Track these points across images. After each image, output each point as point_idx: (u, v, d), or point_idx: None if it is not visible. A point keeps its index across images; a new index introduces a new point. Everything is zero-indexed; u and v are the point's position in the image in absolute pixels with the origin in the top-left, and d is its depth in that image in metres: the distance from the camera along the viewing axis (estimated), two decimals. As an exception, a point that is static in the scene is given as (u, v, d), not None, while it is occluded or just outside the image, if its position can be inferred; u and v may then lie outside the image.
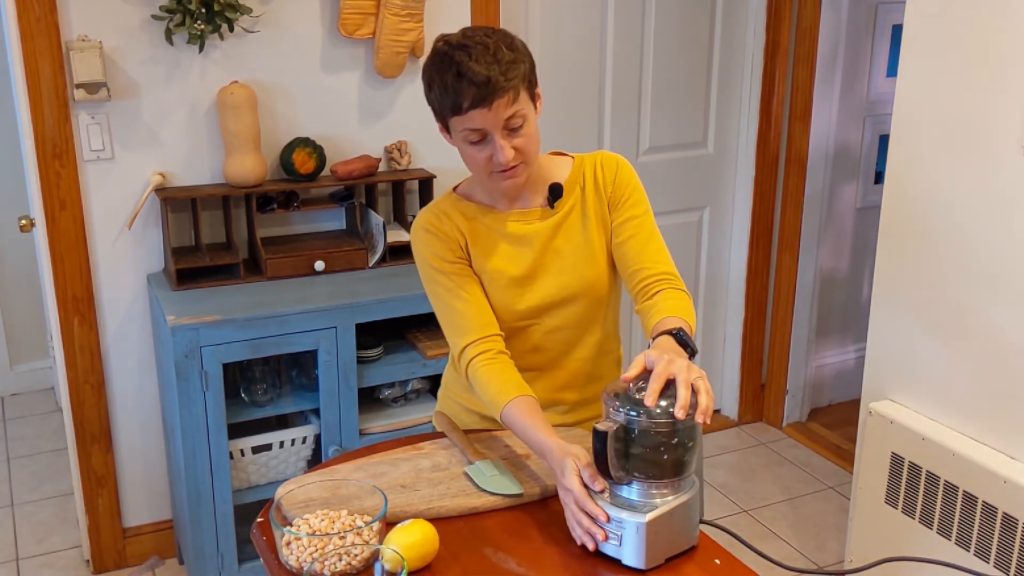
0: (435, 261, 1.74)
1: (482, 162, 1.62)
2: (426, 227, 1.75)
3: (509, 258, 1.75)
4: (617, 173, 1.76)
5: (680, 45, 3.43)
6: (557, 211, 1.76)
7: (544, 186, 1.76)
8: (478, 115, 1.55)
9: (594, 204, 1.76)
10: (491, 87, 1.53)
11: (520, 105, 1.58)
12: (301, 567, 1.37)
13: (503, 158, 1.59)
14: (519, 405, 1.60)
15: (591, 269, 1.76)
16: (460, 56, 1.54)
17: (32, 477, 3.47)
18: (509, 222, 1.75)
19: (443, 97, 1.57)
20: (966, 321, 2.31)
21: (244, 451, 2.59)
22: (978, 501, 2.25)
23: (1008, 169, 2.17)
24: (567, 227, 1.76)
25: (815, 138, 3.56)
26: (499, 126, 1.57)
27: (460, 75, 1.53)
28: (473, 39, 1.56)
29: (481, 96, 1.53)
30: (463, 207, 1.76)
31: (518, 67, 1.57)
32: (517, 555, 1.46)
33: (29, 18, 2.46)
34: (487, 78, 1.52)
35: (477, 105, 1.54)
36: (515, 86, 1.56)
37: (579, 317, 1.78)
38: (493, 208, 1.76)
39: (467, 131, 1.59)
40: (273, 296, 2.59)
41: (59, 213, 2.61)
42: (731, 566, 1.44)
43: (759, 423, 3.94)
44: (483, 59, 1.53)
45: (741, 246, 3.74)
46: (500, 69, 1.53)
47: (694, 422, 1.41)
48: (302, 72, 2.79)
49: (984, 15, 2.18)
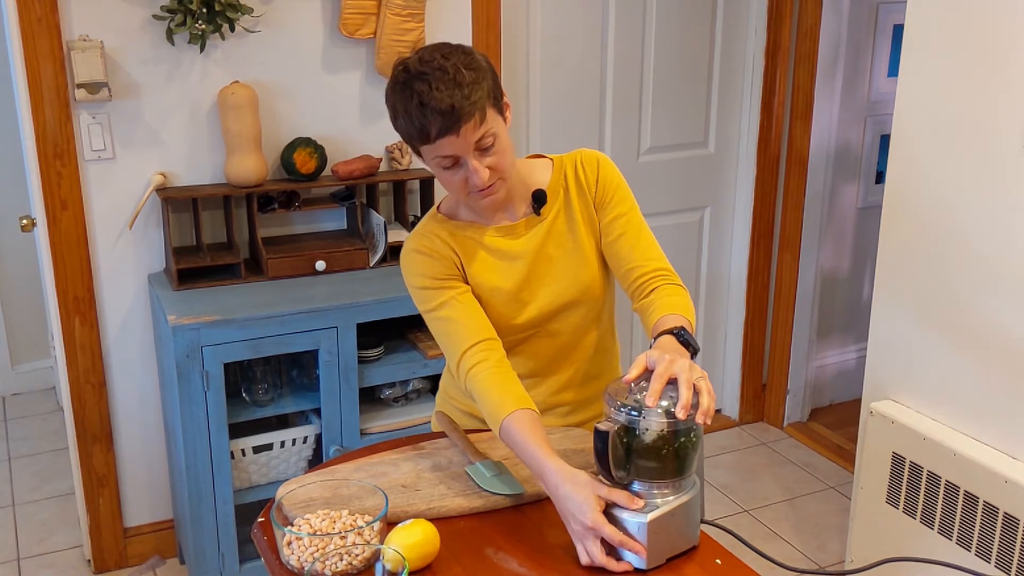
0: (425, 281, 1.70)
1: (458, 185, 1.60)
2: (418, 249, 1.72)
3: (503, 273, 1.73)
4: (599, 172, 1.74)
5: (681, 45, 3.42)
6: (543, 218, 1.73)
7: (527, 193, 1.73)
8: (447, 143, 1.52)
9: (579, 205, 1.74)
10: (456, 114, 1.49)
11: (488, 124, 1.55)
12: (302, 567, 1.37)
13: (478, 180, 1.57)
14: (518, 420, 1.54)
15: (585, 272, 1.74)
16: (420, 86, 1.50)
17: (33, 477, 3.47)
18: (498, 237, 1.72)
19: (409, 127, 1.54)
20: (967, 321, 2.31)
21: (245, 451, 2.59)
22: (979, 501, 2.25)
23: (1009, 169, 2.17)
24: (556, 233, 1.74)
25: (816, 138, 3.56)
26: (469, 150, 1.55)
27: (423, 104, 1.50)
28: (431, 64, 1.51)
29: (448, 125, 1.50)
30: (450, 227, 1.73)
31: (480, 87, 1.52)
32: (518, 555, 1.46)
33: (30, 18, 2.47)
34: (451, 106, 1.49)
35: (445, 133, 1.51)
36: (480, 107, 1.52)
37: (578, 321, 1.77)
38: (479, 223, 1.73)
39: (439, 158, 1.56)
40: (274, 296, 2.59)
41: (60, 213, 2.61)
42: (732, 566, 1.44)
43: (760, 423, 3.94)
44: (443, 86, 1.49)
45: (742, 246, 3.74)
46: (463, 94, 1.49)
47: (695, 422, 1.41)
48: (303, 72, 2.79)
49: (985, 15, 2.18)
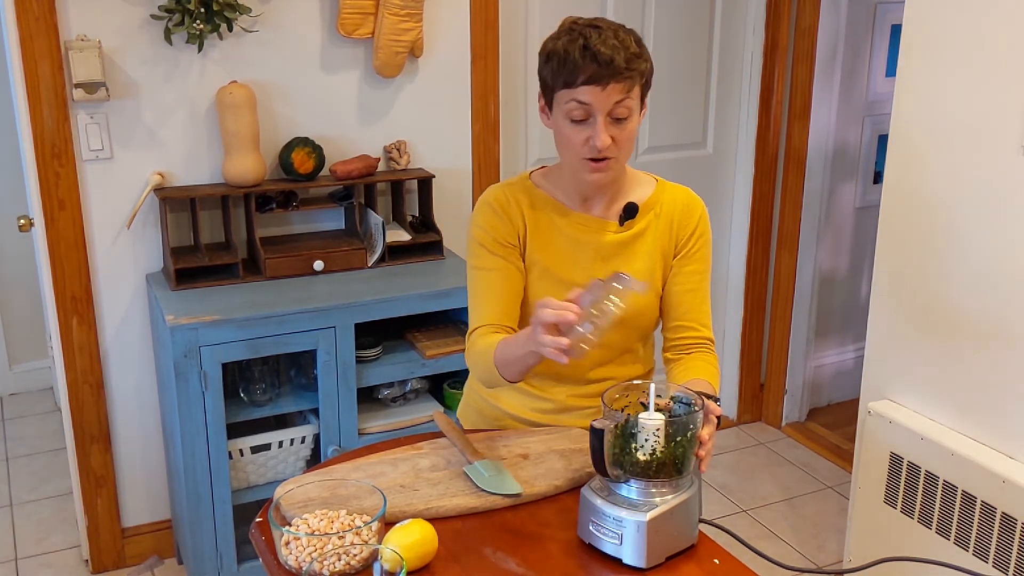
0: (487, 239, 1.72)
1: (578, 144, 1.62)
2: (492, 204, 1.74)
3: (565, 258, 1.73)
4: (700, 220, 1.77)
5: (679, 44, 3.43)
6: (626, 230, 1.74)
7: (621, 201, 1.75)
8: (589, 91, 1.56)
9: (662, 235, 1.75)
10: (611, 68, 1.55)
11: (631, 98, 1.59)
12: (300, 567, 1.37)
13: (600, 142, 1.59)
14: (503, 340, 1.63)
15: (643, 297, 1.73)
16: (590, 33, 1.57)
17: (31, 477, 3.47)
18: (576, 223, 1.74)
19: (560, 69, 1.58)
20: (965, 320, 2.31)
21: (243, 451, 2.59)
22: (977, 501, 2.25)
23: (1007, 169, 2.17)
24: (632, 249, 1.74)
25: (814, 138, 3.57)
26: (606, 109, 1.58)
27: (586, 48, 1.55)
28: (607, 24, 1.60)
29: (599, 74, 1.55)
30: (534, 194, 1.75)
31: (641, 63, 1.59)
32: (516, 555, 1.46)
33: (28, 18, 2.46)
34: (610, 58, 1.54)
35: (592, 82, 1.56)
36: (633, 77, 1.57)
37: (618, 340, 1.76)
38: (563, 204, 1.74)
39: (574, 104, 1.58)
40: (272, 296, 2.58)
41: (58, 213, 2.61)
42: (730, 566, 1.44)
43: (758, 423, 3.94)
44: (611, 42, 1.56)
45: (740, 245, 3.74)
46: (625, 56, 1.56)
47: (693, 420, 1.41)
48: (301, 72, 2.79)
49: (983, 15, 2.18)
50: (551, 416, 1.83)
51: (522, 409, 1.84)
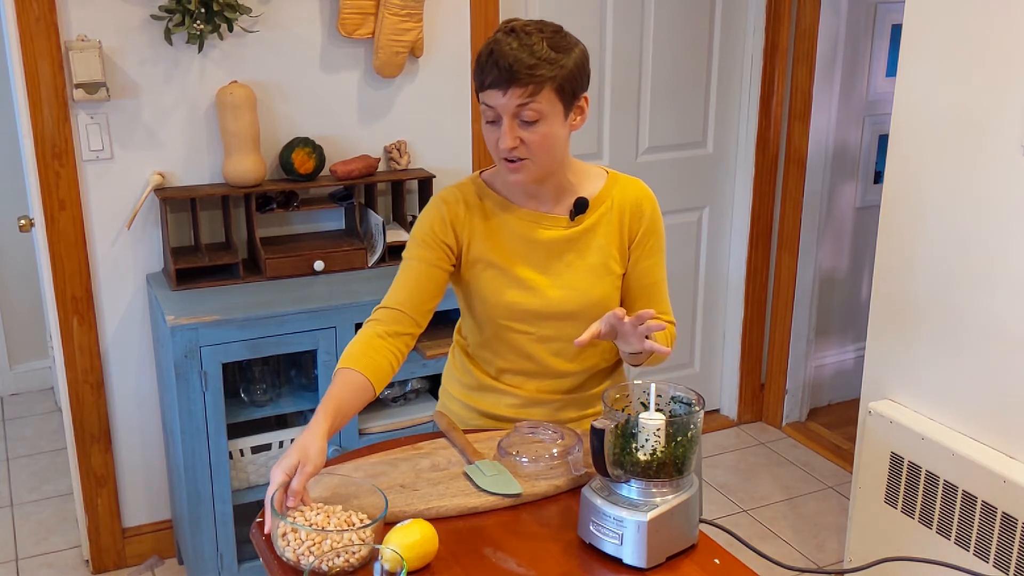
0: (420, 233, 1.77)
1: (492, 143, 1.67)
2: (439, 202, 1.78)
3: (512, 254, 1.76)
4: (653, 213, 1.80)
5: (680, 45, 3.43)
6: (577, 224, 1.76)
7: (570, 196, 1.77)
8: (492, 95, 1.61)
9: (615, 228, 1.77)
10: (510, 73, 1.58)
11: (539, 103, 1.61)
12: (298, 560, 1.37)
13: (503, 143, 1.63)
14: (341, 375, 1.64)
15: (597, 289, 1.77)
16: (502, 39, 1.61)
17: (32, 477, 3.47)
18: (524, 219, 1.76)
19: (475, 72, 1.65)
20: (965, 321, 2.31)
21: (243, 451, 2.59)
22: (977, 501, 2.25)
23: (1007, 169, 2.17)
24: (584, 243, 1.77)
25: (814, 138, 3.57)
26: (509, 112, 1.61)
27: (492, 53, 1.60)
28: (527, 28, 1.62)
29: (499, 79, 1.59)
30: (484, 192, 1.78)
31: (552, 68, 1.60)
32: (517, 555, 1.46)
33: (28, 18, 2.46)
34: (509, 65, 1.58)
35: (493, 86, 1.60)
36: (538, 82, 1.59)
37: (576, 333, 1.75)
38: (510, 201, 1.77)
39: (484, 107, 1.64)
40: (272, 296, 2.58)
41: (58, 213, 2.61)
42: (731, 566, 1.44)
43: (758, 423, 3.94)
44: (517, 47, 1.59)
45: (740, 246, 3.74)
46: (528, 62, 1.58)
47: (694, 420, 1.41)
48: (301, 72, 2.79)
49: (983, 15, 2.18)
50: (522, 411, 1.85)
51: (496, 406, 1.87)
